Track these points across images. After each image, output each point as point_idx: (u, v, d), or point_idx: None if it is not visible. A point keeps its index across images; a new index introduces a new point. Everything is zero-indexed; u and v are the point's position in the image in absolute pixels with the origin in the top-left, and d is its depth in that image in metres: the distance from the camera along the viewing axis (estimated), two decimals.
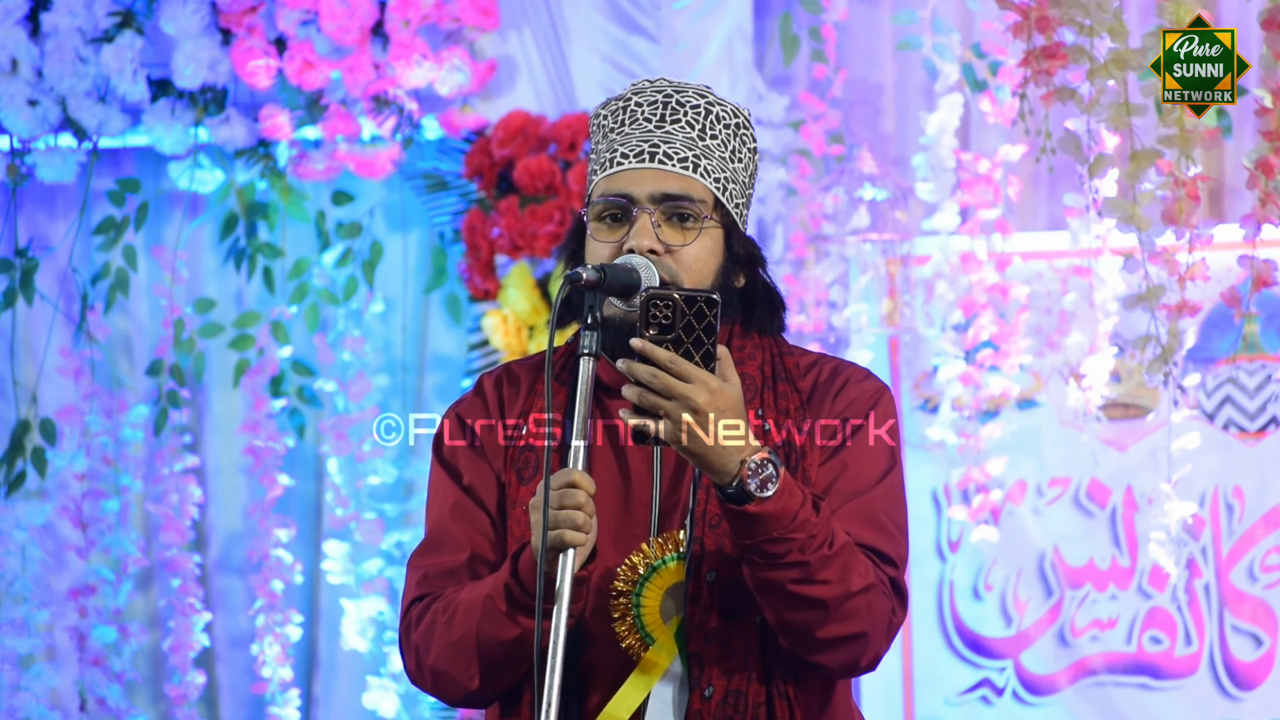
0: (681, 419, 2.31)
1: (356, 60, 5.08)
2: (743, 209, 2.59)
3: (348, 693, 5.41)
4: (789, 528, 2.36)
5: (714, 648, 2.46)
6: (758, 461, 2.34)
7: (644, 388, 2.31)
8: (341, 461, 5.27)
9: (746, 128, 2.60)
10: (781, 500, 2.35)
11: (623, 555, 2.50)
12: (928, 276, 4.97)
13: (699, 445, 2.33)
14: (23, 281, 5.36)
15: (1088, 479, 4.94)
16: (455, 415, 2.65)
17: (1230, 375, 4.79)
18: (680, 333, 2.31)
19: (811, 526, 2.37)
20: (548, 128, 5.01)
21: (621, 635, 2.48)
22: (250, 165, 5.27)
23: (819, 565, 2.38)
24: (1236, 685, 4.82)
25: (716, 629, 2.46)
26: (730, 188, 2.56)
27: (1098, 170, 3.96)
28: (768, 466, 2.34)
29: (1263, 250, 3.85)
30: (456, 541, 2.58)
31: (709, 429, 2.32)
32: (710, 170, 2.54)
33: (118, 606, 5.29)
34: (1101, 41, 3.85)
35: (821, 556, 2.38)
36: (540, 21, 5.12)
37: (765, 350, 2.60)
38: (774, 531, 2.35)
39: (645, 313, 2.31)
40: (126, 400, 5.35)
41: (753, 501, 2.34)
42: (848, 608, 2.42)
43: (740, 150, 2.58)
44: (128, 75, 5.15)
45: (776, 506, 2.35)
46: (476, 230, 5.06)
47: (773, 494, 2.34)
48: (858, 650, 2.46)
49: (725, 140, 2.57)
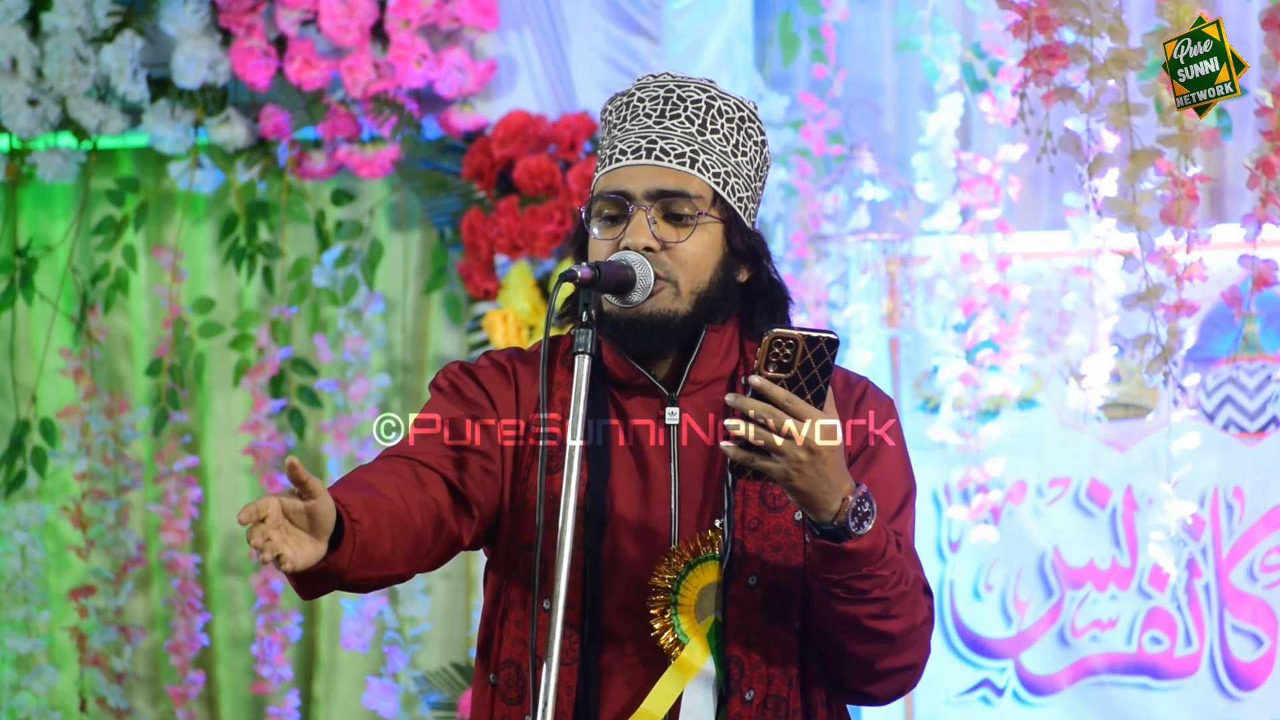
0: (796, 458, 2.30)
1: (356, 60, 5.08)
2: (748, 202, 2.58)
3: (348, 693, 5.41)
4: (878, 564, 2.38)
5: (755, 652, 2.47)
6: (858, 498, 2.35)
7: (758, 424, 2.31)
8: (341, 461, 5.27)
9: (752, 120, 2.59)
10: (874, 537, 2.37)
11: (643, 552, 2.51)
12: (928, 276, 4.98)
13: (808, 484, 2.33)
14: (23, 281, 5.36)
15: (1088, 479, 4.94)
16: (468, 371, 2.62)
17: (1230, 375, 4.79)
18: (798, 371, 2.31)
19: (895, 563, 2.40)
20: (548, 128, 5.01)
21: (657, 633, 2.48)
22: (250, 165, 5.27)
23: (896, 600, 2.41)
24: (1237, 685, 4.82)
25: (758, 633, 2.46)
26: (732, 182, 2.55)
27: (1097, 170, 3.96)
28: (865, 503, 2.36)
29: (1263, 250, 3.85)
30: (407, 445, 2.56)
31: (820, 469, 2.32)
32: (709, 165, 2.53)
33: (118, 606, 5.30)
34: (1101, 41, 3.85)
35: (899, 593, 2.41)
36: (540, 21, 5.12)
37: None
38: (864, 568, 2.37)
39: (767, 351, 2.30)
40: (126, 400, 5.35)
41: (850, 539, 2.35)
42: (910, 639, 2.46)
43: (745, 144, 2.57)
44: (128, 75, 5.15)
45: (870, 543, 2.37)
46: (476, 230, 5.06)
47: (868, 531, 2.36)
48: (909, 679, 2.52)
49: (728, 134, 2.55)
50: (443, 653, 5.31)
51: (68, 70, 5.16)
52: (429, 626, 5.27)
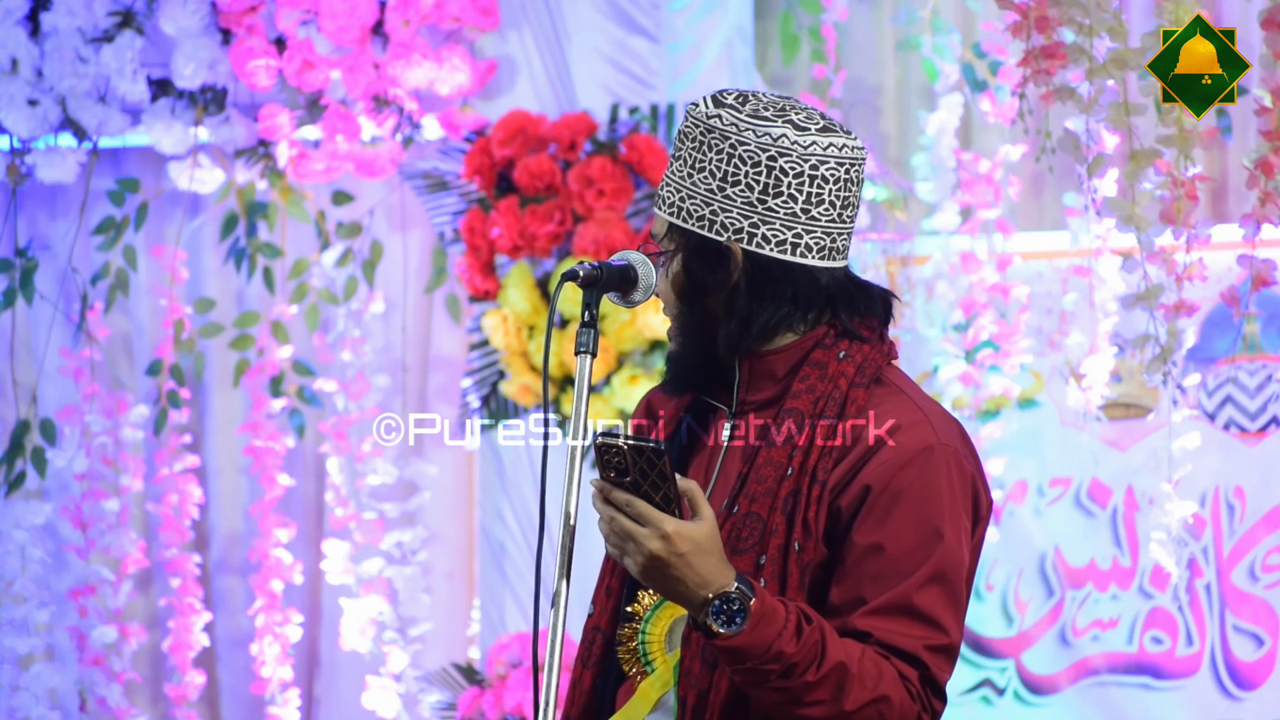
0: (639, 561, 2.27)
1: (356, 60, 5.08)
2: (717, 213, 2.42)
3: (348, 693, 5.41)
4: (763, 659, 2.30)
5: (694, 694, 2.41)
6: (722, 597, 2.28)
7: (608, 526, 2.29)
8: (341, 461, 5.27)
9: (715, 126, 2.41)
10: (751, 634, 2.29)
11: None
12: (928, 276, 4.97)
13: (659, 585, 2.29)
14: (23, 281, 5.36)
15: (1088, 479, 4.94)
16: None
17: (1230, 375, 4.79)
18: (637, 476, 2.25)
19: (787, 657, 2.30)
20: (548, 128, 5.01)
21: (625, 660, 2.47)
22: (250, 165, 5.27)
23: (801, 690, 2.31)
24: (1238, 685, 4.81)
25: (699, 675, 2.41)
26: (687, 205, 2.44)
27: (1097, 170, 3.96)
28: (733, 602, 2.28)
29: (1262, 250, 3.86)
30: None
31: (666, 572, 2.27)
32: (666, 197, 2.47)
33: (118, 606, 5.30)
34: (1101, 41, 3.85)
35: (803, 683, 2.31)
36: (540, 21, 5.12)
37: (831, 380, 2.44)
38: (747, 663, 2.30)
39: (600, 457, 2.25)
40: (126, 400, 5.35)
41: (719, 638, 2.29)
42: None
43: (705, 155, 2.42)
44: (128, 75, 5.15)
45: (746, 641, 2.29)
46: (476, 230, 5.06)
47: (739, 629, 2.28)
48: None
49: (688, 155, 2.45)
50: (443, 653, 5.31)
51: (68, 70, 5.16)
52: (429, 626, 5.28)
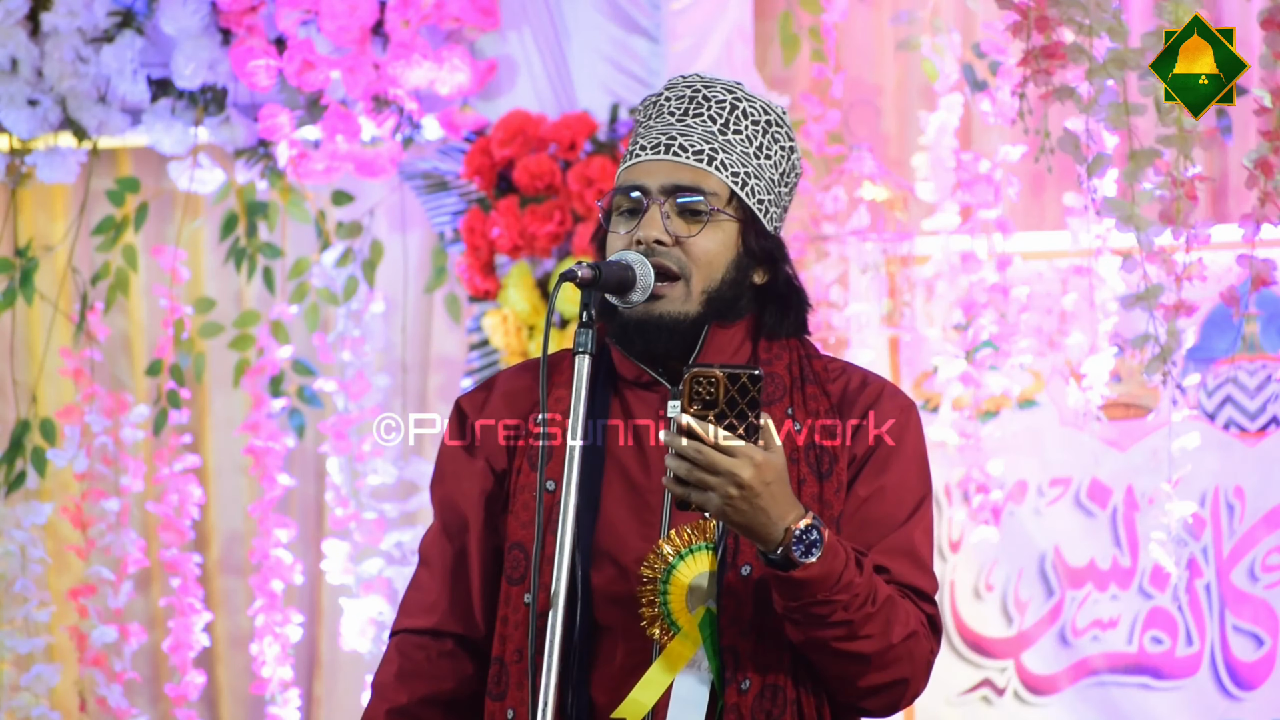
0: (727, 493, 2.32)
1: (356, 60, 5.08)
2: (769, 205, 2.57)
3: (348, 693, 5.41)
4: (833, 590, 2.38)
5: (749, 641, 2.46)
6: (803, 528, 2.35)
7: (689, 461, 2.32)
8: (341, 461, 5.27)
9: (779, 125, 2.59)
10: (826, 564, 2.37)
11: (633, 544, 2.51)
12: (928, 276, 4.98)
13: (744, 518, 2.34)
14: (23, 281, 5.36)
15: (1088, 479, 4.94)
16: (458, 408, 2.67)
17: (1230, 375, 4.79)
18: (724, 407, 2.30)
19: (855, 587, 2.39)
20: (548, 128, 5.01)
21: (646, 622, 2.49)
22: (250, 165, 5.27)
23: (862, 622, 2.41)
24: (1238, 685, 4.81)
25: (754, 622, 2.46)
26: (752, 182, 2.55)
27: (1097, 170, 3.96)
28: (812, 532, 2.36)
29: (1262, 250, 3.86)
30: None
31: (754, 502, 2.32)
32: (728, 164, 2.54)
33: (118, 606, 5.29)
34: (1101, 41, 3.85)
35: (865, 614, 2.41)
36: (540, 21, 5.12)
37: (792, 351, 2.60)
38: (818, 595, 2.37)
39: (689, 389, 2.30)
40: (126, 400, 5.35)
41: (798, 568, 2.36)
42: (889, 657, 2.45)
43: (770, 147, 2.57)
44: (128, 75, 5.15)
45: (821, 570, 2.37)
46: (476, 230, 5.06)
47: (817, 559, 2.36)
48: (899, 695, 2.50)
49: (751, 136, 2.56)
50: None
51: (68, 70, 5.16)
52: None
